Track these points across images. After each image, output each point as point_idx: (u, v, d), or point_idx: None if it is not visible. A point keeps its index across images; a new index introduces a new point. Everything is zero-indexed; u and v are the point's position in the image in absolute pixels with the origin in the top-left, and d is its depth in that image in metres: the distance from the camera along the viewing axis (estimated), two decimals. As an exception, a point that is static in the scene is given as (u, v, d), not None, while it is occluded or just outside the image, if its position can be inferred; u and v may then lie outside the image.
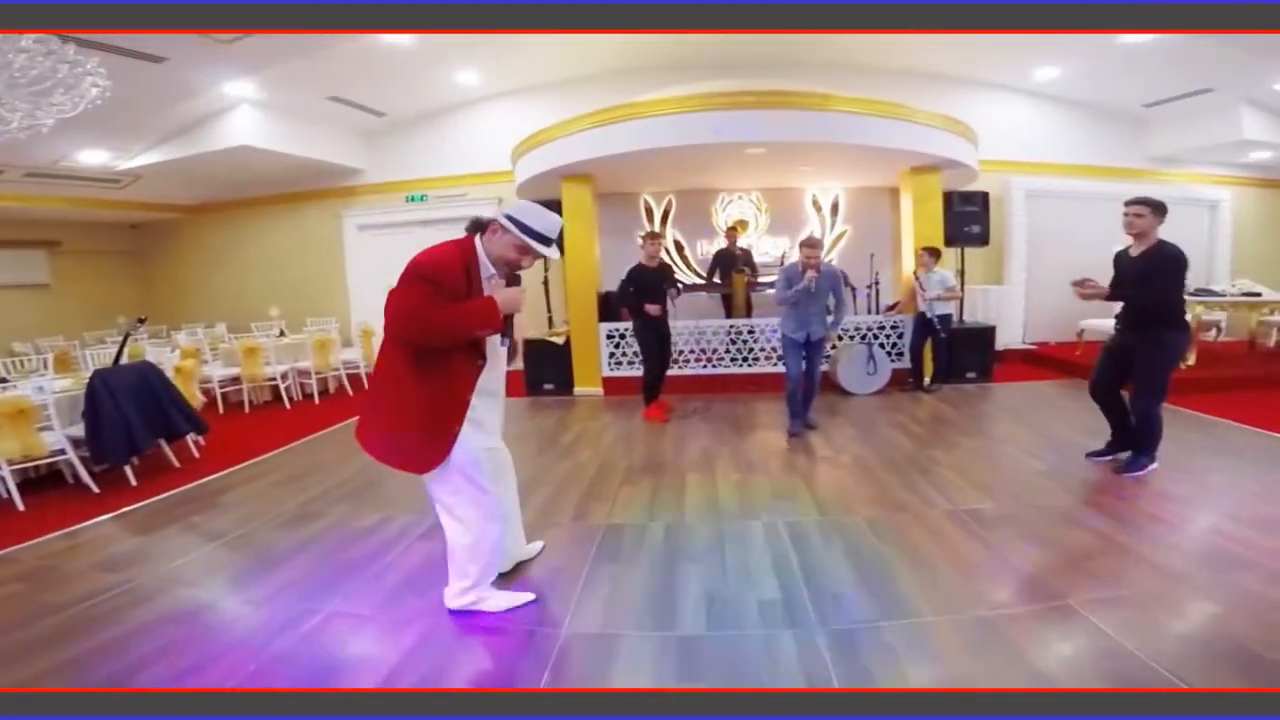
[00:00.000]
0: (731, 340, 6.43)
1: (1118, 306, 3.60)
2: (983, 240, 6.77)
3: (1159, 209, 3.37)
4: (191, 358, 5.72)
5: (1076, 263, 7.94)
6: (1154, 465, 3.54)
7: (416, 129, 8.40)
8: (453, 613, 2.30)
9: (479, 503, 2.19)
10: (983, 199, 6.78)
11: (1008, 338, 7.27)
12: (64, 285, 9.37)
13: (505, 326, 2.13)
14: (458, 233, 2.22)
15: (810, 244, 4.38)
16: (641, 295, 4.96)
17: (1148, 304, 3.38)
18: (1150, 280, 3.32)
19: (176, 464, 4.46)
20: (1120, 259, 3.55)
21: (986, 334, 6.48)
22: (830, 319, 4.65)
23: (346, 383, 7.27)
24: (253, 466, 4.49)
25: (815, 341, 4.58)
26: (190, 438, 4.71)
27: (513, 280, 2.19)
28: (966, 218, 6.65)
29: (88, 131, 6.31)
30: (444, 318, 1.97)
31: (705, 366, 6.40)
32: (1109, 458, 3.73)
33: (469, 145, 8.22)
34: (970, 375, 6.38)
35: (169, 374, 4.71)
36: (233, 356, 6.58)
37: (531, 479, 3.82)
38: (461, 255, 2.06)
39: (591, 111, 5.72)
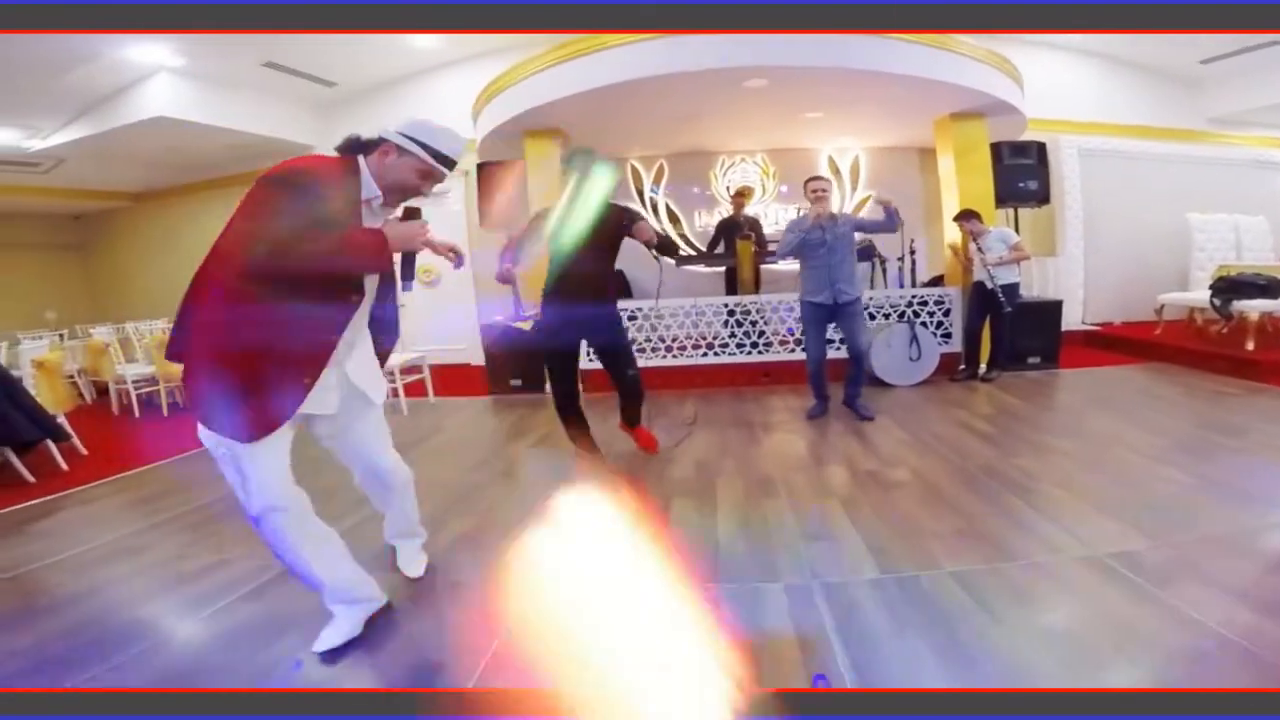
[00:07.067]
0: (738, 322, 5.27)
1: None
2: (1042, 198, 5.53)
3: None
4: (57, 352, 4.71)
5: (1143, 230, 6.89)
6: None
7: (372, 99, 7.35)
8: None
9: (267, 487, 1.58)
10: (1039, 150, 5.54)
11: (1067, 317, 6.07)
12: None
13: (406, 267, 1.69)
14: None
15: (815, 177, 3.84)
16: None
17: None
18: None
19: (31, 479, 3.47)
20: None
21: (1052, 310, 5.27)
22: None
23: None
24: (114, 483, 3.45)
25: (844, 305, 3.77)
26: (61, 445, 3.83)
27: (409, 212, 1.69)
28: (1019, 172, 5.42)
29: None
30: (314, 247, 1.47)
31: (705, 355, 5.25)
32: None
33: (429, 115, 7.19)
34: (1032, 361, 5.18)
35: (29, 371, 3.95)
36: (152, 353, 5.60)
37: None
38: (338, 170, 1.60)
39: (555, 45, 4.63)
